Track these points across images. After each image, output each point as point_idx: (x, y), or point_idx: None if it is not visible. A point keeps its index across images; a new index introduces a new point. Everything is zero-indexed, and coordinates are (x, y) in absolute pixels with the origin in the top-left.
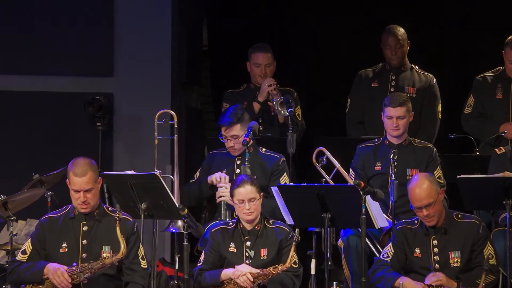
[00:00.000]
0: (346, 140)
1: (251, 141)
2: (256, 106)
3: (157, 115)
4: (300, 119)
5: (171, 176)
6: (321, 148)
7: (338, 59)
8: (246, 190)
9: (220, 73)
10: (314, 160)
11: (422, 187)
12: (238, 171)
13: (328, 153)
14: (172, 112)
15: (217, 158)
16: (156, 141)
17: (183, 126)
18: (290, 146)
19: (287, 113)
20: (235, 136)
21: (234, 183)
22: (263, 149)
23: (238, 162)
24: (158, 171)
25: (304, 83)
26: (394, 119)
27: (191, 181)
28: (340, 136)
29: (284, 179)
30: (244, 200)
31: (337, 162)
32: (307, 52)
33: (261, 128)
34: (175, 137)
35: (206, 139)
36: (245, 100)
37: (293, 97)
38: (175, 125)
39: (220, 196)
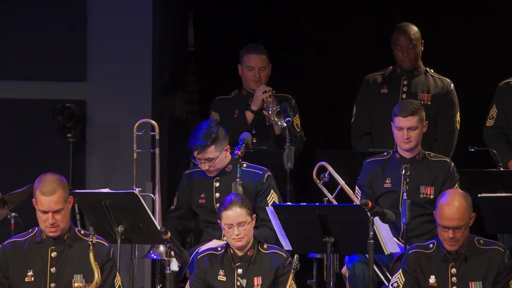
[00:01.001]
0: (351, 154)
1: (242, 154)
2: (249, 116)
3: (136, 125)
4: (299, 130)
5: (152, 195)
6: (322, 163)
7: (342, 61)
8: (235, 213)
9: (208, 77)
10: (314, 176)
11: (456, 205)
12: (217, 195)
13: (330, 169)
14: (153, 121)
15: (195, 179)
16: (135, 155)
17: (166, 138)
18: (287, 161)
19: (285, 124)
20: (210, 159)
21: (222, 205)
22: (244, 165)
23: (217, 184)
24: (137, 189)
25: (304, 89)
26: (405, 130)
27: (170, 208)
28: (345, 149)
29: (272, 198)
30: (232, 224)
31: (341, 179)
32: (307, 54)
33: (254, 141)
34: (157, 150)
35: (191, 153)
36: (236, 109)
37: (291, 105)
38: (157, 137)
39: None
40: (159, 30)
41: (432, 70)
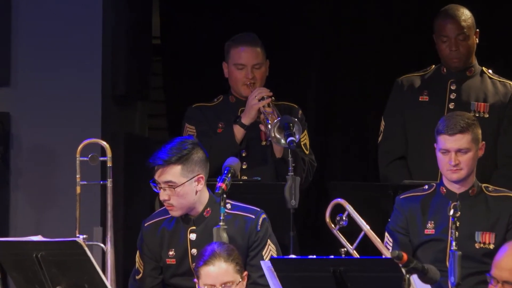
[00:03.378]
0: (379, 188)
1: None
2: (238, 132)
3: (79, 148)
4: (307, 152)
5: (102, 244)
6: (339, 200)
7: (363, 58)
8: (219, 270)
9: (179, 81)
10: (328, 219)
11: None
12: (194, 252)
13: (350, 209)
14: (104, 142)
15: (160, 230)
16: (79, 189)
17: (122, 165)
18: (290, 197)
19: (287, 145)
20: (171, 183)
21: (200, 258)
22: (228, 205)
23: (192, 236)
24: (81, 237)
25: (313, 96)
26: (453, 154)
27: (136, 277)
28: (369, 180)
29: (269, 251)
30: (215, 285)
31: (364, 223)
32: (317, 48)
33: (244, 167)
34: (109, 183)
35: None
36: (220, 121)
37: (296, 117)
38: (109, 163)
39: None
40: (111, 18)
41: (490, 71)
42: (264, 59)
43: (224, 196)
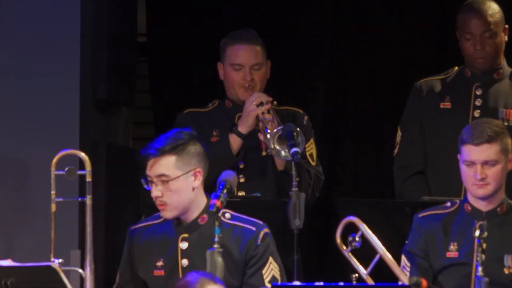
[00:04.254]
0: (394, 205)
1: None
2: (235, 141)
3: (54, 160)
4: (314, 164)
5: (80, 270)
6: (351, 218)
7: (378, 59)
8: None
9: (168, 84)
10: (338, 240)
11: None
12: (184, 263)
13: (363, 228)
14: (83, 154)
15: (147, 237)
16: (54, 207)
17: (103, 179)
18: (294, 216)
19: (290, 157)
20: (164, 177)
21: None
22: (227, 215)
23: (184, 245)
24: (56, 261)
25: (321, 100)
26: (479, 167)
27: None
28: (383, 196)
29: (271, 271)
30: None
31: (380, 244)
32: (325, 45)
33: (242, 181)
34: (88, 200)
35: (143, 202)
36: (214, 129)
37: (301, 125)
38: (88, 178)
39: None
40: (91, 12)
41: None
42: (264, 59)
43: (219, 215)
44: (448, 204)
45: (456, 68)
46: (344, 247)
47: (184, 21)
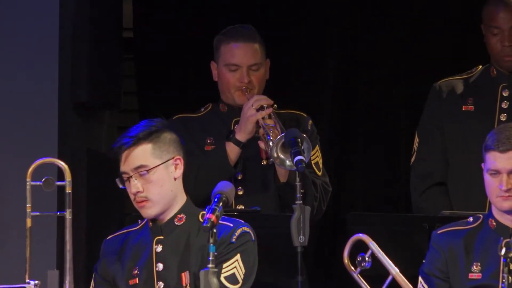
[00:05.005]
0: (411, 220)
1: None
2: (232, 151)
3: (30, 170)
4: (320, 173)
5: None
6: (360, 236)
7: (393, 56)
8: None
9: (157, 84)
10: (347, 260)
11: None
12: (160, 267)
13: (374, 247)
14: (62, 163)
15: (122, 245)
16: (29, 222)
17: (84, 191)
18: (298, 232)
19: (294, 166)
20: (142, 168)
21: None
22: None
23: (159, 248)
24: (32, 283)
25: (328, 102)
26: (505, 176)
27: None
28: (398, 211)
29: (234, 268)
30: None
31: (392, 264)
32: (334, 41)
33: (240, 193)
34: (67, 214)
35: (130, 216)
36: (208, 136)
37: (305, 130)
38: (68, 189)
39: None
40: (71, 5)
41: None
42: (263, 58)
43: (214, 231)
44: (471, 219)
45: (480, 67)
46: (353, 268)
47: (175, 14)
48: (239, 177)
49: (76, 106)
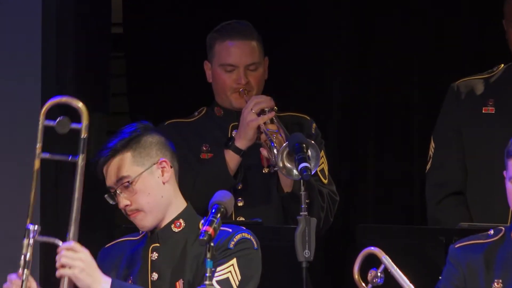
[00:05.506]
0: (426, 233)
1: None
2: (232, 160)
3: (44, 110)
4: (326, 181)
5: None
6: (372, 249)
7: (407, 53)
8: None
9: (148, 85)
10: (357, 276)
11: None
12: (155, 276)
13: (387, 261)
14: (80, 103)
15: (119, 253)
16: (37, 163)
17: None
18: (303, 246)
19: (300, 175)
20: (124, 180)
21: None
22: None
23: (154, 255)
24: (31, 227)
25: (336, 103)
26: None
27: None
28: (412, 223)
29: (228, 273)
30: None
31: (406, 280)
32: (342, 37)
33: (240, 204)
34: (80, 159)
35: (121, 228)
36: (203, 143)
37: (309, 134)
38: (83, 134)
39: None
40: (55, 0)
41: None
42: (261, 56)
43: (212, 245)
44: (492, 232)
45: (502, 65)
46: (364, 285)
47: (169, 8)
48: (239, 187)
49: (61, 109)
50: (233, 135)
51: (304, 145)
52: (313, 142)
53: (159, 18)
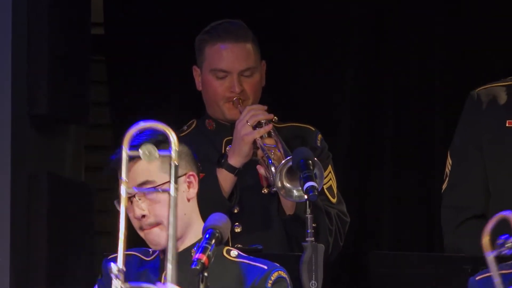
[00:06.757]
0: (448, 261)
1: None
2: (226, 179)
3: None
4: (334, 200)
5: None
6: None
7: (423, 60)
8: None
9: (133, 92)
10: (486, 239)
11: None
12: None
13: None
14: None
15: (128, 266)
16: None
17: (44, 224)
18: (310, 275)
19: (305, 196)
20: (147, 184)
21: None
22: (234, 253)
23: None
24: None
25: (347, 112)
26: None
27: None
28: (428, 250)
29: None
30: None
31: None
32: (353, 39)
33: (238, 230)
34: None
35: (100, 256)
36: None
37: (314, 145)
38: (174, 160)
39: None
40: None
41: None
42: (258, 60)
43: (206, 275)
44: None
45: None
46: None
47: (155, 6)
48: (236, 211)
49: (33, 121)
50: (226, 151)
51: (310, 161)
52: (316, 159)
53: (145, 17)
